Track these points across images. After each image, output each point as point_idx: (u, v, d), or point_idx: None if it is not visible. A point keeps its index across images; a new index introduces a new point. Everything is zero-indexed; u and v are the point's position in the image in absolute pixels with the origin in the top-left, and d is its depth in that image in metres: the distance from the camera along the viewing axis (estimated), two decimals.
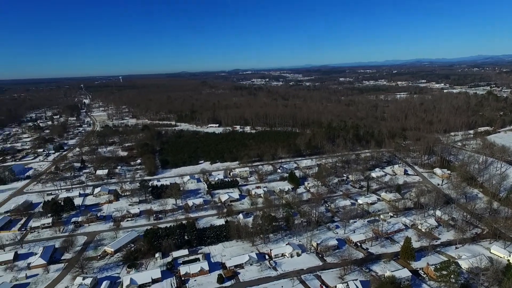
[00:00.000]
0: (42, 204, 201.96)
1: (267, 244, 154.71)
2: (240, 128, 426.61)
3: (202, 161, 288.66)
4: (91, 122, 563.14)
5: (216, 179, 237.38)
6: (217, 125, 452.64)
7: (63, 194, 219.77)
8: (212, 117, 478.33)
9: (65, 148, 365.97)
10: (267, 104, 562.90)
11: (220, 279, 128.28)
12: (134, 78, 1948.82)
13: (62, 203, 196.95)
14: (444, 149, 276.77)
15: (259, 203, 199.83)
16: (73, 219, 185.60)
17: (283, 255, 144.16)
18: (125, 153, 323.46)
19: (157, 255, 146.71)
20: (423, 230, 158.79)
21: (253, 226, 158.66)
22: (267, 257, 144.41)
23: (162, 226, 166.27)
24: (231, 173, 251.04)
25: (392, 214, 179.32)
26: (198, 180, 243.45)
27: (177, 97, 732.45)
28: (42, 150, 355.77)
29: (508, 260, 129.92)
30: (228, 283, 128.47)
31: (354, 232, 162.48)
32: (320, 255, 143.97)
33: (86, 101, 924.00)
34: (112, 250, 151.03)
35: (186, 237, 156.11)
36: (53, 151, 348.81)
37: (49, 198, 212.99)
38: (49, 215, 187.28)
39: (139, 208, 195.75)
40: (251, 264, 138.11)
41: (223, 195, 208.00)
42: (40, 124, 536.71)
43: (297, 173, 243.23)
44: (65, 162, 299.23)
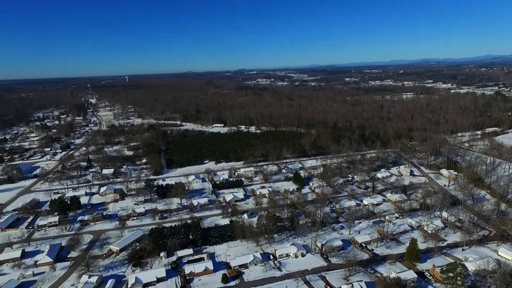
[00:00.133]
0: (49, 202, 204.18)
1: (271, 244, 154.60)
2: (245, 128, 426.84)
3: (207, 161, 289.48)
4: (98, 121, 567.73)
5: (221, 179, 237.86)
6: (222, 125, 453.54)
7: (70, 193, 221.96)
8: (217, 117, 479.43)
9: (71, 147, 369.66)
10: (272, 104, 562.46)
11: (225, 279, 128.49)
12: (140, 78, 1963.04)
13: (69, 202, 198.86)
14: (451, 150, 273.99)
15: (263, 203, 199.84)
16: (79, 218, 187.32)
17: (287, 255, 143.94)
18: (130, 153, 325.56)
19: (162, 254, 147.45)
20: (429, 231, 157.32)
21: (258, 226, 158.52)
22: (271, 257, 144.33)
23: (167, 225, 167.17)
24: (236, 173, 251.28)
25: (397, 215, 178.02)
26: (203, 180, 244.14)
27: (182, 97, 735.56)
28: (49, 149, 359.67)
29: None
30: (233, 282, 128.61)
31: (359, 233, 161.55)
32: (324, 256, 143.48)
33: (93, 100, 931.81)
34: (118, 248, 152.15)
35: (191, 236, 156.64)
36: (60, 150, 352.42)
37: (56, 196, 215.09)
38: (56, 213, 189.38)
39: (144, 207, 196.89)
40: (255, 264, 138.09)
41: (228, 195, 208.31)
42: (48, 123, 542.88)
43: (302, 173, 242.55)
44: (72, 161, 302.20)
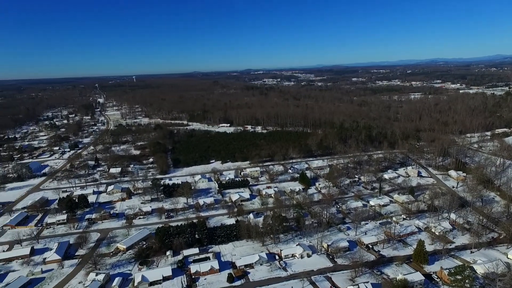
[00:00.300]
0: (57, 201, 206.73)
1: (277, 244, 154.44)
2: (251, 128, 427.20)
3: (213, 161, 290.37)
4: (105, 121, 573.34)
5: (227, 178, 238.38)
6: (229, 125, 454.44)
7: (78, 192, 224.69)
8: (224, 116, 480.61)
9: (80, 146, 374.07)
10: (279, 104, 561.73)
11: (230, 278, 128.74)
12: (147, 78, 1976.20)
13: (77, 200, 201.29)
14: (460, 151, 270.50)
15: (269, 203, 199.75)
16: (87, 216, 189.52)
17: (293, 255, 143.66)
18: (137, 152, 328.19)
19: (168, 253, 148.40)
20: (437, 233, 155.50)
21: (264, 226, 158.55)
22: (277, 257, 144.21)
23: (173, 224, 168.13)
24: (241, 173, 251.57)
25: (404, 217, 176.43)
26: (209, 180, 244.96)
27: (189, 97, 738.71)
28: (57, 148, 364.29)
29: None
30: (238, 282, 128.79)
31: (365, 234, 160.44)
32: (330, 257, 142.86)
33: (101, 100, 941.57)
34: (124, 247, 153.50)
35: (196, 235, 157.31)
36: (68, 149, 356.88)
37: (64, 195, 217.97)
38: (64, 211, 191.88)
39: (151, 206, 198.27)
40: (261, 264, 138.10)
41: (234, 195, 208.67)
42: (56, 122, 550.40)
43: (308, 173, 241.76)
44: (80, 160, 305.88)
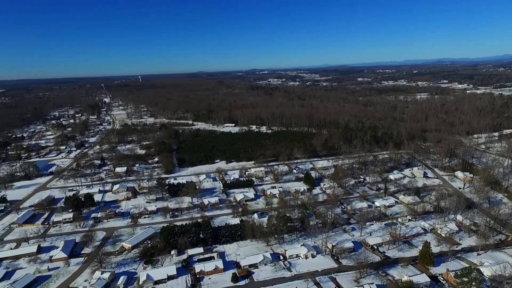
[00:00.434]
0: (64, 199, 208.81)
1: (281, 245, 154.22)
2: (256, 128, 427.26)
3: (218, 160, 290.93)
4: (111, 120, 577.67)
5: (232, 178, 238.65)
6: (233, 124, 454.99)
7: (84, 190, 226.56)
8: (229, 116, 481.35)
9: (86, 145, 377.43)
10: (284, 104, 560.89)
11: (235, 278, 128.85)
12: (153, 78, 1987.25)
13: (83, 199, 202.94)
14: (466, 152, 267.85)
15: (274, 203, 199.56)
16: (93, 215, 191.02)
17: (297, 256, 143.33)
18: (143, 151, 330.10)
19: (172, 252, 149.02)
20: (443, 234, 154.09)
21: (268, 226, 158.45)
22: (281, 257, 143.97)
23: (178, 223, 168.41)
24: (246, 173, 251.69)
25: (410, 218, 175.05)
26: (214, 179, 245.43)
27: (194, 97, 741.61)
28: (64, 147, 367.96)
29: None
30: (242, 282, 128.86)
31: (370, 235, 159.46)
32: (335, 257, 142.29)
33: (107, 100, 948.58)
34: (130, 246, 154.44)
35: (201, 235, 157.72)
36: (75, 149, 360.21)
37: (71, 194, 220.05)
38: (70, 210, 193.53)
39: (156, 206, 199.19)
40: (265, 264, 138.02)
41: (239, 195, 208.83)
42: (63, 122, 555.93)
43: (313, 173, 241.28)
44: (86, 159, 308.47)
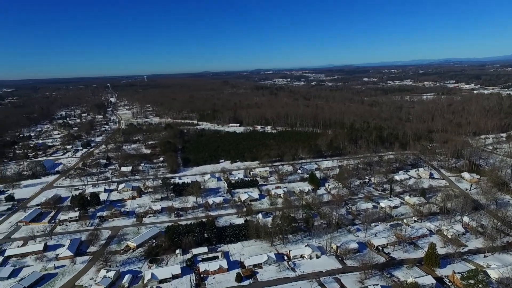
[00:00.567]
0: (70, 198, 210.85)
1: (286, 245, 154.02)
2: (261, 128, 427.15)
3: (223, 160, 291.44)
4: (117, 120, 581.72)
5: (236, 178, 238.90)
6: (238, 124, 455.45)
7: (90, 189, 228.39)
8: (233, 116, 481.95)
9: (92, 145, 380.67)
10: (289, 104, 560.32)
11: (239, 278, 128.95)
12: (158, 78, 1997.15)
13: (89, 198, 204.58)
14: (473, 153, 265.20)
15: (278, 203, 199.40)
16: (99, 214, 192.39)
17: (302, 256, 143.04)
18: (148, 151, 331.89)
19: (177, 251, 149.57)
20: (449, 236, 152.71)
21: (272, 226, 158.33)
22: (285, 257, 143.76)
23: (183, 223, 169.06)
24: (251, 173, 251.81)
25: (416, 219, 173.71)
26: (219, 179, 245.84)
27: (199, 97, 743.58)
28: (70, 146, 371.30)
29: None
30: (247, 282, 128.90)
31: (375, 236, 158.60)
32: (339, 258, 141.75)
33: (112, 99, 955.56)
34: (135, 245, 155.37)
35: (205, 234, 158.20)
36: (81, 148, 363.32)
37: (77, 192, 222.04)
38: (76, 209, 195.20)
39: (161, 205, 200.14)
40: (269, 264, 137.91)
41: (243, 194, 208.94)
42: (70, 121, 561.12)
43: (318, 174, 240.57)
44: (92, 159, 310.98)
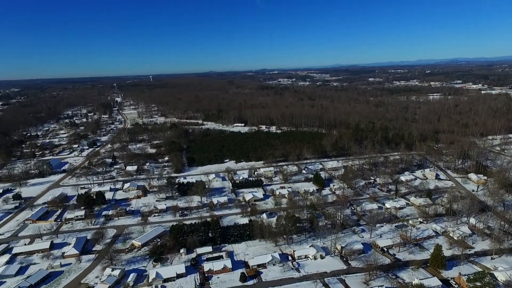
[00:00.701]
0: (76, 197, 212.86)
1: (290, 245, 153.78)
2: (266, 128, 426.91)
3: (227, 160, 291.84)
4: (122, 119, 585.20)
5: (241, 178, 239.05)
6: (243, 124, 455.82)
7: (95, 188, 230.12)
8: (238, 116, 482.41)
9: (98, 144, 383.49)
10: (293, 104, 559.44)
11: (243, 278, 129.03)
12: (164, 78, 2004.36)
13: (94, 197, 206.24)
14: (480, 154, 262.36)
15: (283, 203, 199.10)
16: (104, 213, 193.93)
17: (306, 256, 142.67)
18: (153, 150, 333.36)
19: (181, 250, 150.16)
20: (455, 238, 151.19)
21: (277, 226, 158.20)
22: (290, 258, 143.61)
23: (187, 222, 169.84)
24: (255, 173, 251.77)
25: (421, 220, 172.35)
26: (223, 179, 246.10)
27: (204, 97, 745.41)
28: (77, 145, 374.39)
29: None
30: (251, 282, 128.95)
31: (380, 236, 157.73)
32: (344, 259, 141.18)
33: (118, 99, 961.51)
34: (140, 244, 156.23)
35: (210, 234, 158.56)
36: (87, 147, 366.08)
37: (83, 191, 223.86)
38: (82, 207, 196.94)
39: (165, 204, 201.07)
40: (273, 264, 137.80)
41: (248, 194, 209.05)
42: (76, 121, 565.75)
43: (323, 174, 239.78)
44: (98, 158, 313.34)
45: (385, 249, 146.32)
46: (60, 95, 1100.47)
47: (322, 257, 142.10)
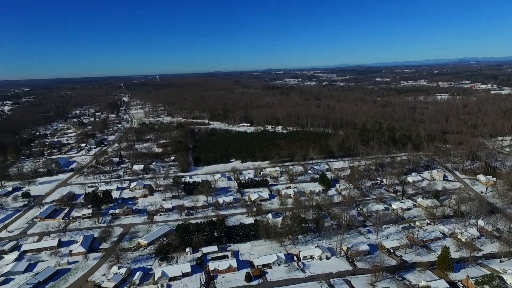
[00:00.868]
0: (83, 195, 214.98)
1: (295, 245, 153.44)
2: (272, 127, 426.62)
3: (233, 160, 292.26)
4: (129, 119, 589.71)
5: (247, 178, 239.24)
6: (249, 124, 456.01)
7: (103, 187, 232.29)
8: (244, 116, 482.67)
9: (105, 143, 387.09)
10: (299, 104, 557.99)
11: (248, 277, 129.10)
12: (170, 77, 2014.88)
13: (101, 196, 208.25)
14: (490, 155, 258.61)
15: (288, 203, 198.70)
16: (111, 211, 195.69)
17: (311, 257, 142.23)
18: (160, 150, 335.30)
19: (187, 249, 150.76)
20: (463, 240, 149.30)
21: (282, 227, 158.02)
22: (295, 258, 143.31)
23: (193, 221, 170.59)
24: (261, 173, 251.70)
25: (429, 221, 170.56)
26: (229, 178, 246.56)
27: (210, 96, 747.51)
28: (84, 144, 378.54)
29: None
30: (256, 282, 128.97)
31: (387, 238, 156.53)
32: (350, 260, 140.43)
33: (125, 99, 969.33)
34: (146, 242, 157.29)
35: (215, 233, 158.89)
36: (95, 146, 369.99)
37: (90, 190, 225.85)
38: (90, 206, 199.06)
39: (171, 203, 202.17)
40: (279, 265, 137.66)
41: (253, 194, 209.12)
42: (84, 120, 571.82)
43: (329, 174, 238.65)
44: (105, 157, 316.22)
45: (392, 251, 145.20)
46: (68, 95, 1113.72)
47: (327, 258, 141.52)
